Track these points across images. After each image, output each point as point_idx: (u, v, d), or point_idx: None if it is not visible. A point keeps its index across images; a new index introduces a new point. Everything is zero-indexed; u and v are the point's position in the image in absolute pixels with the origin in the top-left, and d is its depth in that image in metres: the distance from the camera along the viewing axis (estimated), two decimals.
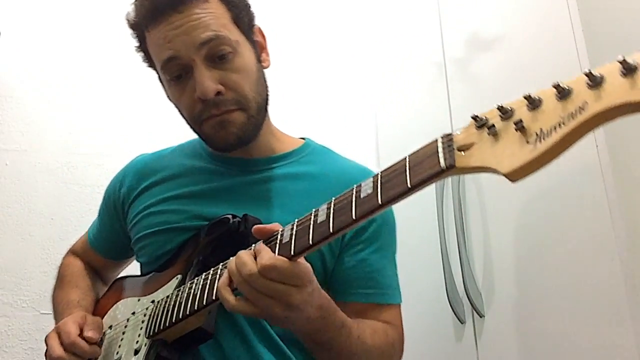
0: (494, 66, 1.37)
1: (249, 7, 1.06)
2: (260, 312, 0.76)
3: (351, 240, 1.01)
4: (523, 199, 1.18)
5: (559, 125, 0.53)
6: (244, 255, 0.76)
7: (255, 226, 0.81)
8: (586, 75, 0.53)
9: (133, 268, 1.24)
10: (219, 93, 0.95)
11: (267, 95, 1.04)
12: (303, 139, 1.15)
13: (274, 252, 0.76)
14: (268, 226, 0.81)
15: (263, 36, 1.09)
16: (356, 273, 1.00)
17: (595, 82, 0.52)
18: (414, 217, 1.72)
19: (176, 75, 0.98)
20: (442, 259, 1.39)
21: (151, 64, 1.06)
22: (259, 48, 1.06)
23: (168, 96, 1.05)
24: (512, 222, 1.22)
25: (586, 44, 1.05)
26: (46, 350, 0.99)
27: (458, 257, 1.34)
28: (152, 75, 1.08)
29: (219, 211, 0.99)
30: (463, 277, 1.31)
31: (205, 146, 1.11)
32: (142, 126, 1.74)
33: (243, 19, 1.02)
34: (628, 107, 0.50)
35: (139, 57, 1.09)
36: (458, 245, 1.35)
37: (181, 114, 1.04)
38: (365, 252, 1.01)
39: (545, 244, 1.13)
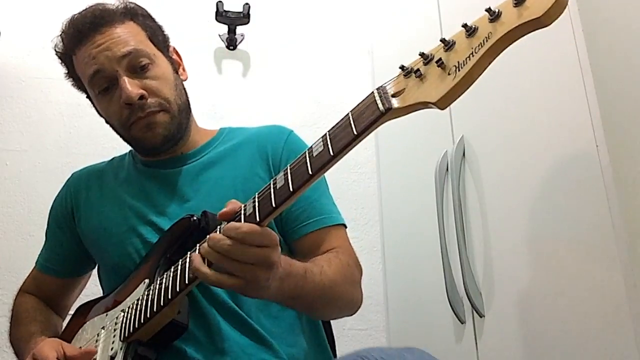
0: (494, 66, 1.37)
1: (162, 29, 1.20)
2: (245, 281, 0.81)
3: None
4: (523, 199, 1.18)
5: (472, 54, 0.66)
6: (215, 234, 0.81)
7: (219, 212, 0.86)
8: (487, 11, 0.66)
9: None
10: (142, 97, 1.06)
11: (187, 99, 1.17)
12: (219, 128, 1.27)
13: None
14: (229, 208, 0.86)
15: (179, 55, 1.23)
16: (297, 210, 1.10)
17: (494, 16, 0.66)
18: (414, 217, 1.72)
19: (103, 88, 1.09)
20: (442, 259, 1.39)
21: (80, 86, 1.17)
22: (176, 64, 1.20)
23: (98, 111, 1.17)
24: (512, 222, 1.22)
25: (586, 44, 1.05)
26: None
27: (458, 257, 1.34)
28: None
29: (169, 203, 1.10)
30: (463, 277, 1.31)
31: (138, 157, 1.22)
32: None
33: (158, 37, 1.17)
34: (520, 29, 0.64)
35: None
36: (458, 245, 1.35)
37: (111, 124, 1.15)
38: None
39: (545, 243, 1.13)
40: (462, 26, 0.67)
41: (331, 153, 0.74)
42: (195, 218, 1.00)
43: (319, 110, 2.14)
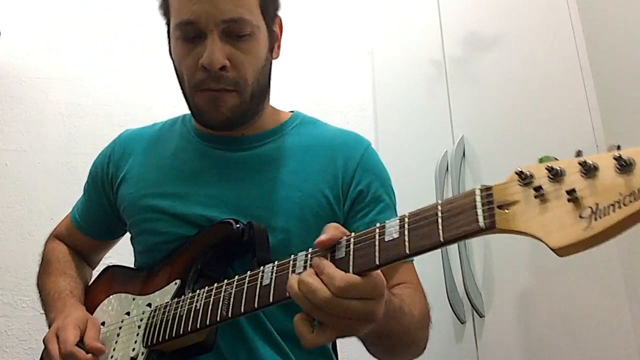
0: (494, 66, 1.37)
1: None
2: (342, 334, 0.70)
3: (354, 206, 1.01)
4: None
5: (619, 204, 0.47)
6: (310, 279, 0.67)
7: (319, 240, 0.72)
8: None
9: (121, 257, 1.22)
10: (223, 67, 0.95)
11: (266, 83, 1.04)
12: (292, 111, 1.15)
13: None
14: (329, 237, 0.72)
15: (281, 29, 1.09)
16: None
17: None
18: None
19: (189, 37, 0.97)
20: (442, 259, 1.39)
21: (165, 11, 1.03)
22: (275, 40, 1.06)
23: (170, 51, 1.04)
24: None
25: (586, 44, 1.05)
26: (43, 351, 0.97)
27: (458, 257, 1.34)
28: (153, 79, 1.06)
29: (214, 193, 1.00)
30: (463, 277, 1.31)
31: (193, 125, 1.11)
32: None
33: (268, 7, 1.02)
34: None
35: (138, 63, 1.08)
36: (458, 245, 1.35)
37: (178, 73, 1.03)
38: (372, 215, 1.00)
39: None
40: (614, 157, 0.49)
41: (407, 251, 0.63)
42: (239, 226, 0.91)
43: (319, 110, 2.12)
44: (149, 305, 0.97)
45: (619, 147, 0.50)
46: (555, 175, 0.52)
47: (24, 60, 1.99)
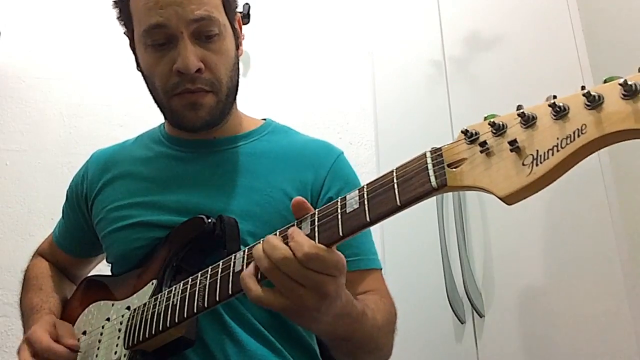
0: (494, 66, 1.37)
1: None
2: (291, 304, 0.70)
3: None
4: None
5: (556, 148, 0.51)
6: (276, 240, 0.71)
7: (297, 198, 0.75)
8: (584, 95, 0.49)
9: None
10: (198, 70, 0.96)
11: (237, 81, 1.05)
12: (264, 119, 1.16)
13: None
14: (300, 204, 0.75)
15: (241, 26, 1.10)
16: None
17: (593, 102, 0.49)
18: (415, 217, 1.72)
19: (159, 43, 0.97)
20: (442, 259, 1.39)
21: (127, 23, 1.03)
22: (238, 36, 1.07)
23: (138, 63, 1.04)
24: (512, 222, 1.22)
25: (586, 44, 1.05)
26: None
27: (458, 257, 1.34)
28: None
29: (184, 199, 1.00)
30: (463, 277, 1.31)
31: (165, 131, 1.12)
32: (141, 129, 1.76)
33: (231, 5, 1.03)
34: (630, 134, 0.47)
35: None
36: (458, 245, 1.35)
37: (149, 82, 1.03)
38: None
39: (545, 243, 1.13)
40: (549, 105, 0.52)
41: (368, 219, 0.65)
42: (210, 221, 0.92)
43: (319, 111, 2.14)
44: (128, 308, 0.97)
45: (555, 97, 0.52)
46: (498, 129, 0.55)
47: (24, 60, 1.99)
